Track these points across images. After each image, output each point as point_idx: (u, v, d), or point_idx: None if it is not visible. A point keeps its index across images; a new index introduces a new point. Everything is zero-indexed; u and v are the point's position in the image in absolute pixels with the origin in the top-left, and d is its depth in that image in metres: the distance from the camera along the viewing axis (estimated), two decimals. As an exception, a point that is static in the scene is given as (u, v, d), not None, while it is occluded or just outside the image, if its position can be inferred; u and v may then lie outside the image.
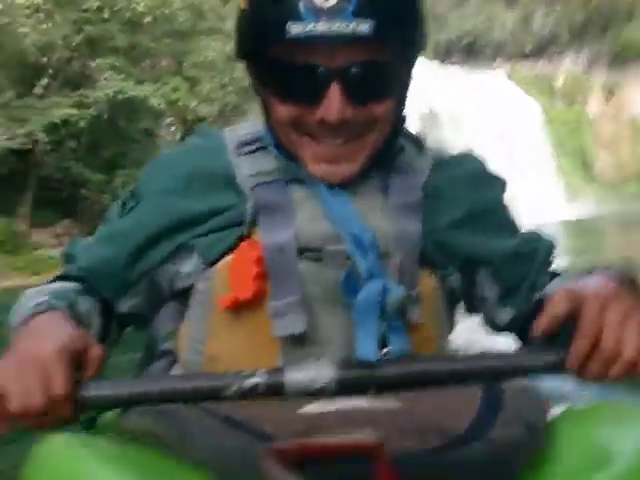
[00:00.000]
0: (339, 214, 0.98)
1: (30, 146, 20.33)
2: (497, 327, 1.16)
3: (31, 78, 22.95)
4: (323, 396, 0.86)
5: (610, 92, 45.56)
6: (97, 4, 22.14)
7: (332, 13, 0.90)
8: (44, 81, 23.28)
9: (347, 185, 1.03)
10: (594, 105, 45.28)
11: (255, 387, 0.86)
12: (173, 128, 28.77)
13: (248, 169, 1.05)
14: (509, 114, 41.84)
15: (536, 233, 1.19)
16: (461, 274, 1.09)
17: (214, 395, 0.87)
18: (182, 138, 28.17)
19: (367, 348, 0.90)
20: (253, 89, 1.10)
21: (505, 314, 1.13)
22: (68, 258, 1.15)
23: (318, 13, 0.90)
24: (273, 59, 0.98)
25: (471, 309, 1.17)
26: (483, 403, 0.85)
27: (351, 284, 0.93)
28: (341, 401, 0.85)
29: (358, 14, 0.90)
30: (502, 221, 1.16)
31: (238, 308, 0.98)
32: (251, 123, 1.16)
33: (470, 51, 52.45)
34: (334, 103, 0.95)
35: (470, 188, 1.12)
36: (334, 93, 0.94)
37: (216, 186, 1.06)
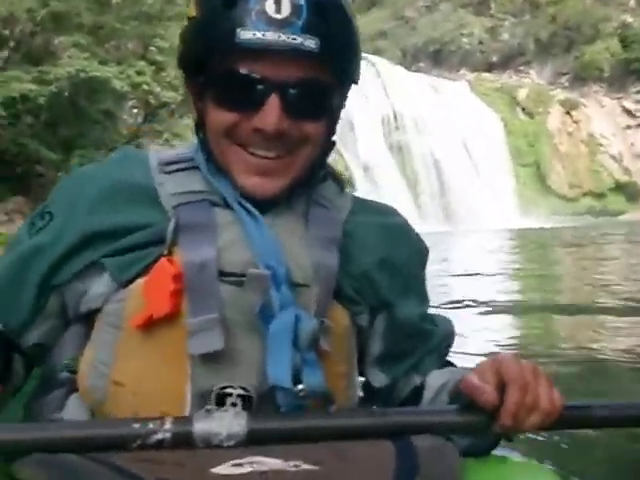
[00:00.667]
0: (259, 242, 0.98)
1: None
2: (369, 390, 1.15)
3: (-8, 50, 22.51)
4: (233, 447, 0.83)
5: (571, 108, 46.47)
6: (65, -20, 21.81)
7: (282, 25, 0.92)
8: (4, 53, 22.84)
9: (270, 209, 1.03)
10: (554, 120, 46.12)
11: (161, 440, 0.81)
12: (135, 111, 28.48)
13: (172, 187, 1.03)
14: (471, 124, 42.36)
15: (441, 317, 1.19)
16: (369, 316, 1.10)
17: (116, 446, 0.81)
18: (143, 121, 27.92)
19: (279, 374, 0.91)
20: (191, 101, 1.08)
21: (379, 379, 1.13)
22: None
23: (269, 23, 0.92)
24: (217, 66, 0.98)
25: (359, 359, 1.13)
26: (399, 465, 0.86)
27: (267, 312, 0.94)
28: (253, 462, 0.80)
29: (306, 30, 0.93)
30: (414, 284, 1.17)
31: (151, 327, 0.94)
32: (177, 148, 1.15)
33: (437, 58, 52.95)
34: (272, 113, 0.96)
35: (391, 239, 1.14)
36: (273, 104, 0.96)
37: (135, 202, 1.03)
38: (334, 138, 1.11)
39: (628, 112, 47.71)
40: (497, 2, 52.17)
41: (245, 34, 0.92)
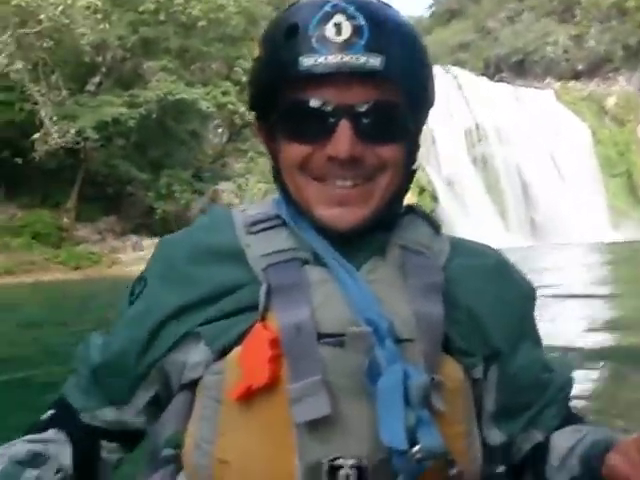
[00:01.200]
0: (357, 298, 0.93)
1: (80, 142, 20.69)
2: (485, 448, 1.05)
3: (84, 76, 23.43)
4: None
5: (663, 115, 44.77)
6: (154, 6, 22.52)
7: (344, 47, 0.90)
8: (97, 79, 23.75)
9: (360, 258, 0.99)
10: (645, 128, 44.49)
11: None
12: (220, 131, 29.10)
13: (259, 249, 1.00)
14: (557, 134, 41.36)
15: (558, 361, 1.10)
16: (483, 368, 1.02)
17: None
18: (228, 140, 28.49)
19: (394, 436, 0.85)
20: (264, 146, 1.07)
21: (494, 436, 1.04)
22: (81, 359, 1.07)
23: (330, 46, 0.90)
24: (285, 99, 0.96)
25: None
26: None
27: (373, 371, 0.88)
28: None
29: (369, 49, 0.91)
30: (526, 328, 1.09)
31: (251, 398, 0.90)
32: (261, 203, 1.11)
33: (520, 68, 52.02)
34: (343, 139, 0.92)
35: (497, 282, 1.07)
36: (344, 129, 0.93)
37: (224, 264, 1.01)
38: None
39: None
40: (582, 9, 50.88)
41: (307, 61, 0.91)
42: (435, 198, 35.33)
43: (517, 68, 52.31)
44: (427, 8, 75.19)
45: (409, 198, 1.10)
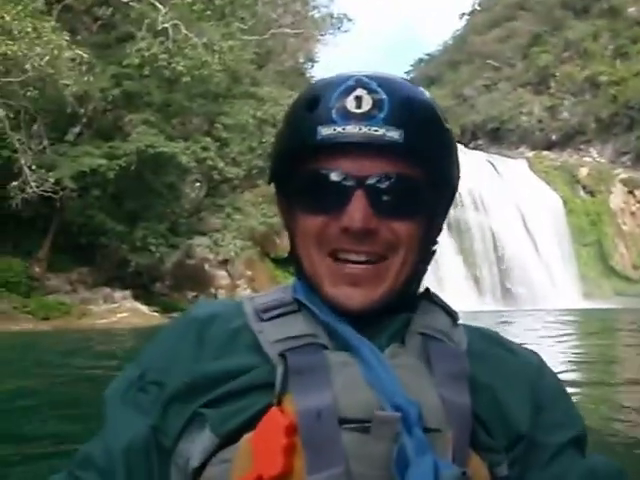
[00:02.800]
0: (381, 382, 0.87)
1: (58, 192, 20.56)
2: None
3: (65, 126, 23.43)
4: None
5: (634, 187, 45.78)
6: (138, 61, 22.72)
7: (363, 118, 0.90)
8: (77, 129, 23.76)
9: (381, 349, 0.93)
10: (617, 199, 45.44)
11: None
12: (197, 185, 29.14)
13: (274, 334, 0.94)
14: (530, 202, 42.06)
15: (600, 459, 0.98)
16: (507, 465, 0.94)
17: None
18: (205, 195, 28.50)
19: None
20: (282, 220, 1.06)
21: None
22: (83, 462, 0.95)
23: (349, 117, 0.91)
24: (302, 170, 0.96)
25: None
26: None
27: (402, 462, 0.81)
28: None
29: (388, 122, 0.91)
30: (544, 400, 1.00)
31: None
32: (271, 290, 1.07)
33: (495, 136, 53.15)
34: (358, 209, 0.91)
35: (516, 372, 1.01)
36: (359, 200, 0.91)
37: (235, 350, 0.95)
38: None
39: (693, 192, 46.78)
40: (557, 81, 52.41)
41: (325, 130, 0.91)
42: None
43: (492, 136, 53.46)
44: (406, 73, 76.80)
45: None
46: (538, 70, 53.61)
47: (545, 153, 49.63)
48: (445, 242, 38.86)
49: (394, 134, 0.90)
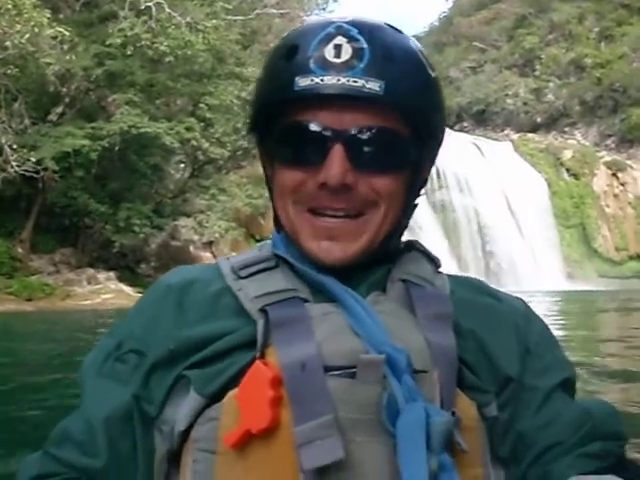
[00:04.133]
0: (367, 330, 0.86)
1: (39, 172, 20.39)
2: None
3: (47, 106, 23.20)
4: None
5: (617, 170, 45.98)
6: (121, 40, 22.49)
7: (342, 69, 0.87)
8: (59, 109, 23.54)
9: (356, 287, 0.93)
10: (600, 181, 45.63)
11: None
12: (182, 166, 28.99)
13: (253, 291, 0.93)
14: (515, 183, 42.15)
15: (596, 403, 0.97)
16: (496, 406, 0.94)
17: None
18: (190, 176, 28.37)
19: None
20: (265, 178, 1.04)
21: (497, 476, 0.93)
22: (60, 439, 0.92)
23: (327, 67, 0.88)
24: (281, 122, 0.93)
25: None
26: None
27: (392, 408, 0.80)
28: None
29: (368, 73, 0.87)
30: (539, 353, 0.99)
31: (250, 444, 0.81)
32: (249, 250, 1.06)
33: (481, 118, 53.15)
34: (335, 164, 0.89)
35: (501, 314, 1.02)
36: (337, 154, 0.89)
37: (217, 312, 0.93)
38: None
39: (676, 175, 47.07)
40: (542, 64, 52.39)
41: (303, 81, 0.88)
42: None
43: (478, 118, 53.42)
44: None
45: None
46: (524, 52, 53.54)
47: (530, 135, 49.65)
48: (430, 222, 38.96)
49: (374, 85, 0.87)
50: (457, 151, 42.35)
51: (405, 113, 0.92)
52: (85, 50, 22.28)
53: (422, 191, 1.05)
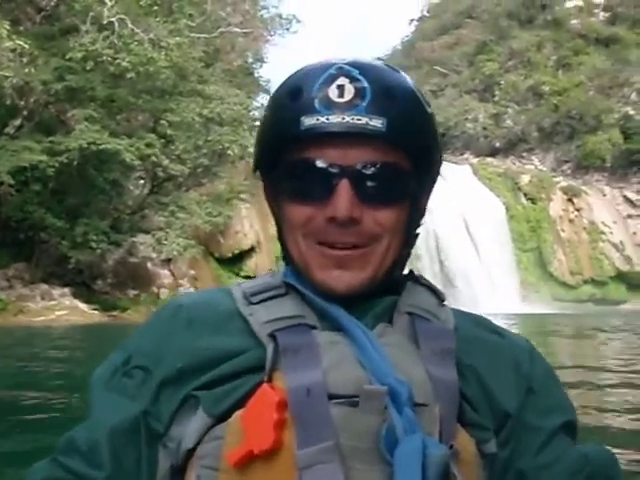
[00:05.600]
0: (372, 361, 0.90)
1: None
2: None
3: (4, 118, 22.85)
4: None
5: (573, 195, 46.89)
6: (81, 54, 22.30)
7: (345, 108, 0.92)
8: (17, 122, 23.20)
9: (369, 329, 0.95)
10: (556, 206, 46.46)
11: None
12: (141, 182, 28.76)
13: (264, 316, 0.96)
14: (473, 207, 42.69)
15: (596, 448, 0.99)
16: (496, 443, 0.96)
17: None
18: (149, 193, 28.14)
19: None
20: (269, 207, 1.07)
21: None
22: (67, 448, 0.95)
23: (332, 107, 0.92)
24: (287, 160, 0.98)
25: None
26: None
27: (391, 438, 0.83)
28: None
29: (371, 111, 0.92)
30: (543, 393, 1.01)
31: (252, 465, 0.84)
32: (259, 276, 1.09)
33: (441, 141, 53.77)
34: (343, 199, 0.93)
35: (504, 352, 1.04)
36: (343, 190, 0.93)
37: (227, 333, 0.97)
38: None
39: (630, 201, 48.12)
40: (501, 90, 53.32)
41: (309, 120, 0.92)
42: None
43: (438, 141, 54.06)
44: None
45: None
46: (484, 78, 54.46)
47: (489, 160, 50.43)
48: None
49: (377, 122, 0.92)
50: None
51: (406, 148, 0.97)
52: (45, 63, 22.04)
53: (422, 221, 1.10)
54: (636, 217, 47.86)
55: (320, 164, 0.95)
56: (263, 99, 39.67)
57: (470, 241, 42.06)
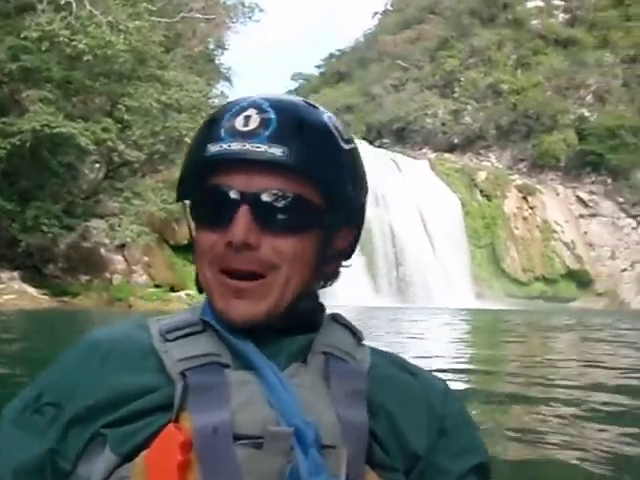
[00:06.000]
0: (280, 401, 0.90)
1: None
2: None
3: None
4: None
5: (527, 193, 47.68)
6: (37, 34, 21.84)
7: (248, 136, 0.94)
8: (-32, 101, 22.66)
9: (282, 368, 0.95)
10: (511, 204, 47.20)
11: None
12: (97, 166, 28.35)
13: (177, 354, 0.96)
14: (430, 202, 43.11)
15: None
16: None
17: None
18: (104, 177, 27.76)
19: None
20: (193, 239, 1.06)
21: None
22: None
23: (235, 135, 0.94)
24: (200, 185, 0.99)
25: None
26: None
27: (295, 479, 0.84)
28: None
29: (273, 140, 0.93)
30: (449, 428, 1.03)
31: None
32: (182, 312, 1.08)
33: (400, 136, 54.13)
34: (240, 224, 0.93)
35: (418, 394, 1.04)
36: (242, 214, 0.94)
37: (139, 369, 0.96)
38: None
39: (582, 201, 49.17)
40: (461, 86, 53.84)
41: (213, 147, 0.95)
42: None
43: (398, 135, 54.40)
44: (317, 67, 77.18)
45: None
46: (444, 74, 54.92)
47: (447, 155, 50.96)
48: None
49: (276, 150, 0.93)
50: (375, 166, 43.03)
51: (312, 180, 0.96)
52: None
53: (350, 260, 1.08)
54: (588, 217, 48.94)
55: (223, 190, 0.96)
56: (223, 87, 39.44)
57: (426, 236, 42.48)
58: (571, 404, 5.84)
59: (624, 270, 48.17)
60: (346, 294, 37.97)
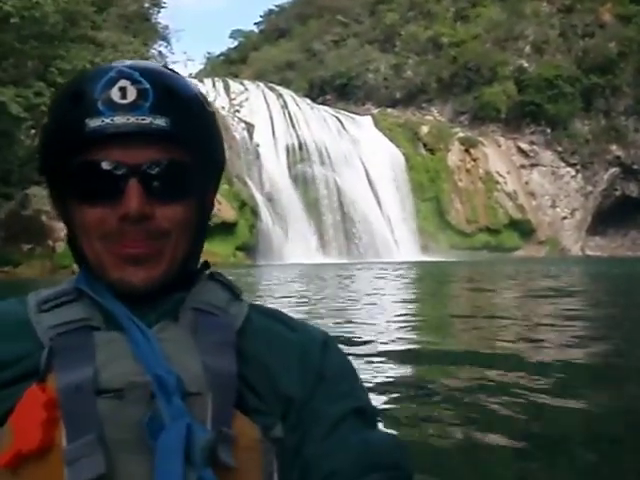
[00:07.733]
0: (144, 355, 0.93)
1: None
2: None
3: None
4: None
5: (470, 146, 48.19)
6: (-40, -5, 21.00)
7: (130, 108, 0.94)
8: None
9: (153, 324, 0.99)
10: (454, 157, 47.69)
11: None
12: (33, 132, 27.60)
13: (50, 321, 0.99)
14: (374, 157, 43.26)
15: (385, 436, 1.03)
16: (283, 424, 0.98)
17: None
18: (41, 144, 27.00)
19: None
20: (57, 213, 1.07)
21: None
22: None
23: (115, 109, 0.94)
24: (75, 163, 0.97)
25: None
26: None
27: (156, 426, 0.86)
28: None
29: (154, 110, 0.95)
30: (328, 375, 1.05)
31: (23, 464, 0.85)
32: (61, 284, 1.09)
33: (343, 92, 53.94)
34: (133, 197, 0.95)
35: (291, 337, 1.08)
36: (133, 188, 0.95)
37: (13, 339, 0.98)
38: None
39: (523, 152, 49.96)
40: (402, 40, 53.76)
41: (94, 122, 0.94)
42: (256, 213, 35.67)
43: (340, 91, 54.19)
44: (255, 24, 76.00)
45: (227, 210, 1.09)
46: (385, 28, 54.73)
47: (389, 110, 51.04)
48: (291, 195, 39.32)
49: (161, 122, 0.95)
50: (319, 124, 42.88)
51: (190, 145, 1.00)
52: None
53: (211, 219, 1.12)
54: (529, 167, 49.81)
55: (107, 165, 0.96)
56: (160, 47, 38.54)
57: (371, 191, 42.72)
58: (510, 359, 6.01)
59: (564, 218, 49.41)
60: (295, 253, 38.28)
